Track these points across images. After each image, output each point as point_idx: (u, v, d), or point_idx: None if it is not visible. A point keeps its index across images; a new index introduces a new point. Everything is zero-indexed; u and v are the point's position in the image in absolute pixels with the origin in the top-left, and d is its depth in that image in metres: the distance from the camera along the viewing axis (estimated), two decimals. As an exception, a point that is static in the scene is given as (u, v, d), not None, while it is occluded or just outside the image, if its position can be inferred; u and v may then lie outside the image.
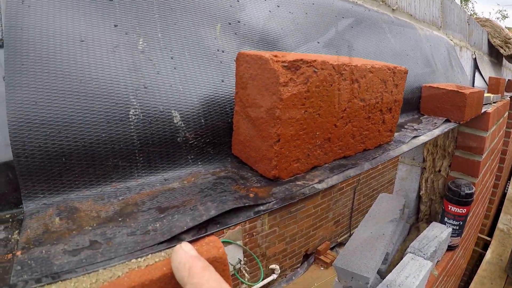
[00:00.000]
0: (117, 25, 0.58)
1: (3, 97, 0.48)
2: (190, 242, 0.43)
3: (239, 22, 0.75)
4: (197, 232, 0.46)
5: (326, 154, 0.70)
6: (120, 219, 0.46)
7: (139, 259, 0.40)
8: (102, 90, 0.54)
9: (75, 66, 0.52)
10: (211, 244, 0.45)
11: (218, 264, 0.43)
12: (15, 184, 0.48)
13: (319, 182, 0.64)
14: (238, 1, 0.77)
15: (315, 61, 0.60)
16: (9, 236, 0.43)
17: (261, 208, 0.53)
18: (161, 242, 0.43)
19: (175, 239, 0.44)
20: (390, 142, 0.92)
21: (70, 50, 0.53)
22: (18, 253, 0.39)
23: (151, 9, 0.63)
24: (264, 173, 0.62)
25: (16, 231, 0.44)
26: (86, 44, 0.55)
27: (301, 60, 0.57)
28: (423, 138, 1.04)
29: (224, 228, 0.50)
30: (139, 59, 0.59)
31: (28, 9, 0.51)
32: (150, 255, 0.41)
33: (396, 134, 1.00)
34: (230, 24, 0.74)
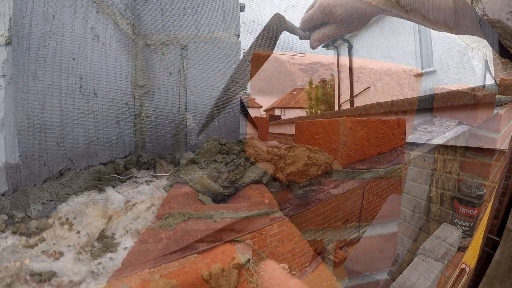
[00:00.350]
0: (129, 23, 0.57)
1: (9, 96, 0.47)
2: (204, 251, 0.42)
3: (253, 21, 0.74)
4: (212, 240, 0.45)
5: (341, 158, 0.69)
6: (131, 224, 0.45)
7: (152, 269, 0.39)
8: (113, 90, 0.53)
9: (85, 65, 0.51)
10: (225, 253, 0.43)
11: (233, 273, 0.42)
12: (22, 186, 0.47)
13: (335, 187, 0.63)
14: (252, 0, 0.75)
15: (332, 63, 0.58)
16: (17, 242, 0.42)
17: (277, 215, 0.52)
18: (175, 252, 0.41)
19: (188, 248, 0.42)
20: (404, 145, 0.90)
21: (80, 48, 0.51)
22: (27, 261, 0.38)
23: (165, 7, 0.61)
24: (279, 177, 0.60)
25: (25, 237, 0.42)
26: (98, 42, 0.53)
27: (319, 62, 0.55)
28: (436, 141, 1.02)
29: (239, 236, 0.48)
30: (152, 59, 0.57)
31: (37, 4, 0.50)
32: (163, 264, 0.40)
33: (409, 136, 0.98)
34: (244, 23, 0.72)
